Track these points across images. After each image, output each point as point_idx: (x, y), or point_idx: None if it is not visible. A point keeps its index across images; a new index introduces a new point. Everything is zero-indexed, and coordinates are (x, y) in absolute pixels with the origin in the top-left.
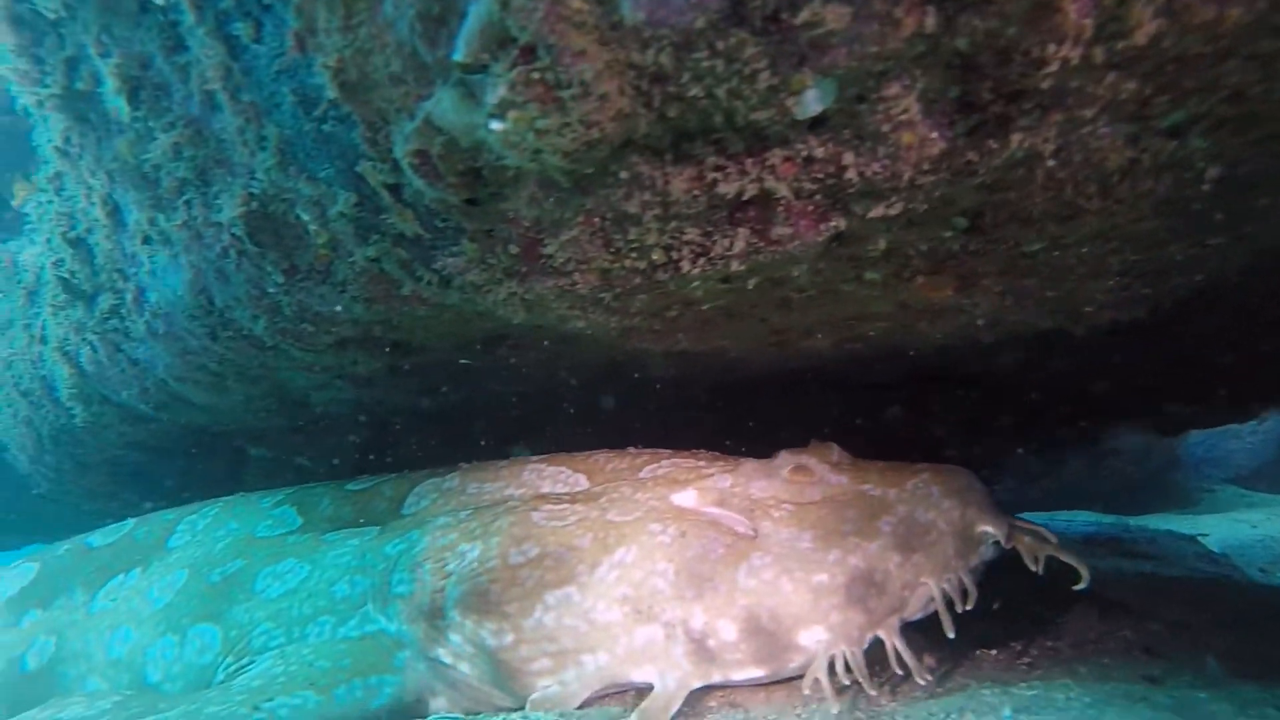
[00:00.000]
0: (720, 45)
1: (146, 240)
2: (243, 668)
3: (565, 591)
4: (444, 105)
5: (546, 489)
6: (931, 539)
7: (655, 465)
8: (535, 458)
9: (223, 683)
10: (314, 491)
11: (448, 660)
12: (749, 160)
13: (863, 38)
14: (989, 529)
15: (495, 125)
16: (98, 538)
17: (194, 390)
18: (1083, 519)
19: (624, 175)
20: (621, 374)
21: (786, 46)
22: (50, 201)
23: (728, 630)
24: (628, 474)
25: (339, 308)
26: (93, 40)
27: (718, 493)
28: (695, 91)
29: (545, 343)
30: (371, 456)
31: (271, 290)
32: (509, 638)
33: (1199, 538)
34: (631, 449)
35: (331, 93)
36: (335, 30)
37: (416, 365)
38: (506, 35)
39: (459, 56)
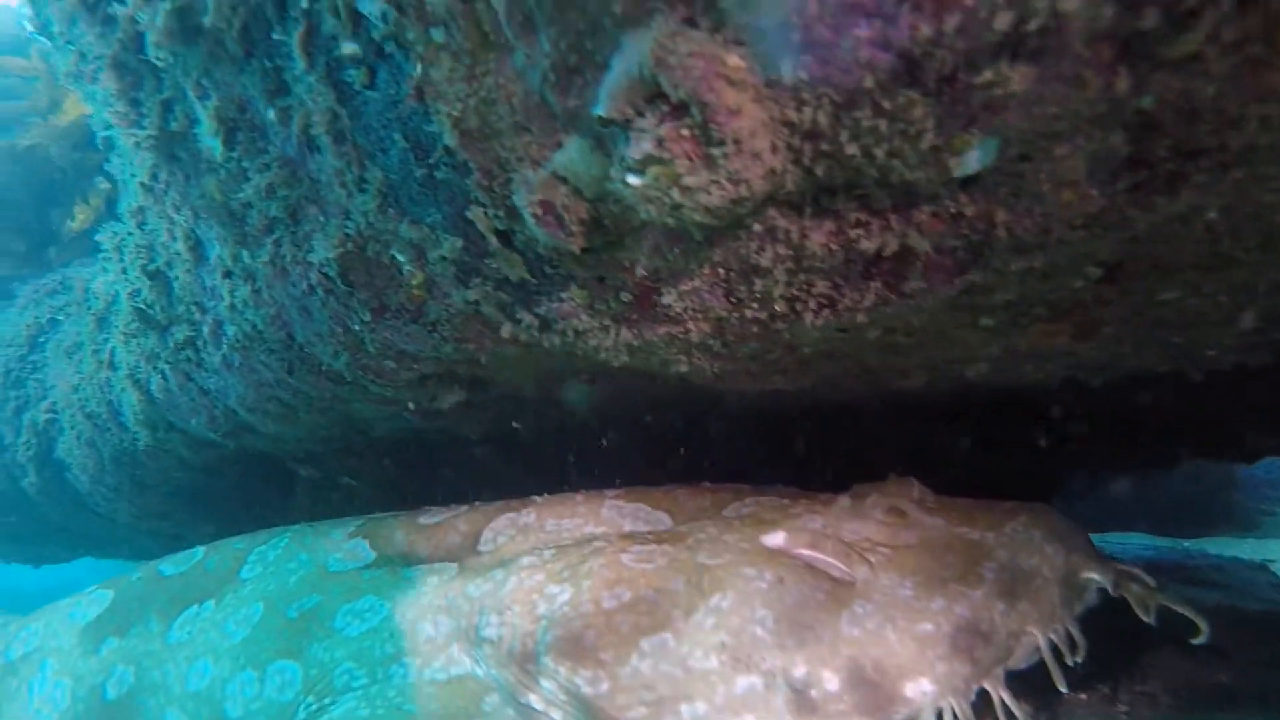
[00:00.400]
0: (886, 105)
1: (228, 275)
2: (324, 708)
3: (661, 638)
4: (572, 156)
5: (629, 527)
6: (1036, 586)
7: (739, 504)
8: (611, 492)
9: None
10: (385, 524)
11: (539, 707)
12: (894, 216)
13: (1044, 99)
14: (1095, 576)
15: (633, 179)
16: (169, 566)
17: (263, 419)
18: (1137, 542)
19: (758, 228)
20: (694, 408)
21: (958, 107)
22: (130, 234)
23: (831, 681)
24: (711, 512)
25: (426, 347)
26: (192, 84)
27: (809, 534)
28: (851, 150)
29: (625, 379)
30: (422, 479)
31: (356, 328)
32: (605, 685)
33: (1268, 564)
34: (706, 484)
35: (449, 140)
36: (459, 80)
37: (491, 399)
38: (657, 91)
39: (601, 111)
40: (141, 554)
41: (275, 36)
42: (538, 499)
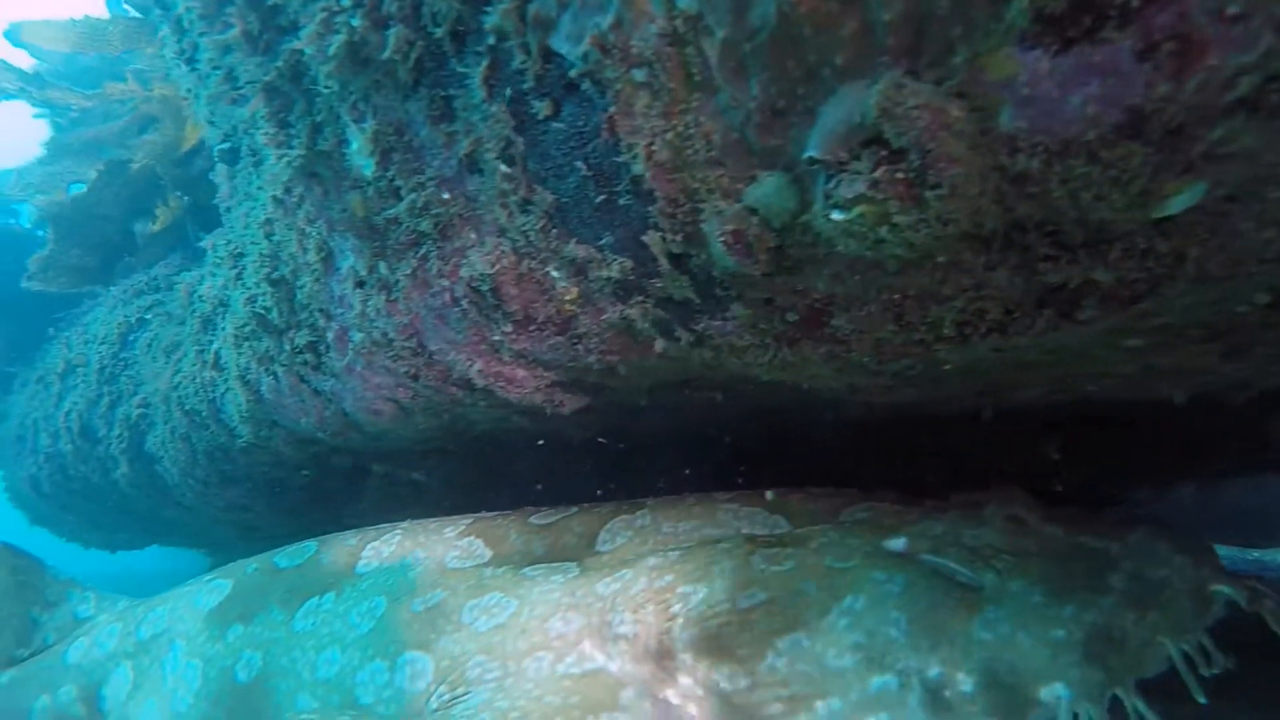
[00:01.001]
0: (1103, 154)
1: (360, 285)
2: (458, 698)
3: (796, 637)
4: (766, 191)
5: (747, 530)
6: (1167, 597)
7: (852, 509)
8: (723, 496)
9: (440, 711)
10: (496, 524)
11: (675, 701)
12: (1083, 252)
13: (1272, 150)
14: (1224, 589)
15: (838, 215)
16: (284, 559)
17: (374, 421)
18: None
19: (942, 259)
20: (803, 415)
21: (1177, 156)
22: (254, 244)
23: (965, 682)
24: (826, 516)
25: (565, 357)
26: (349, 108)
27: (930, 540)
28: (1059, 194)
29: (745, 388)
30: (492, 476)
31: (496, 338)
32: (743, 682)
33: None
34: (813, 488)
35: (637, 170)
36: (655, 116)
37: (606, 404)
38: (874, 137)
39: (814, 153)
40: (215, 544)
41: (451, 68)
42: (648, 502)
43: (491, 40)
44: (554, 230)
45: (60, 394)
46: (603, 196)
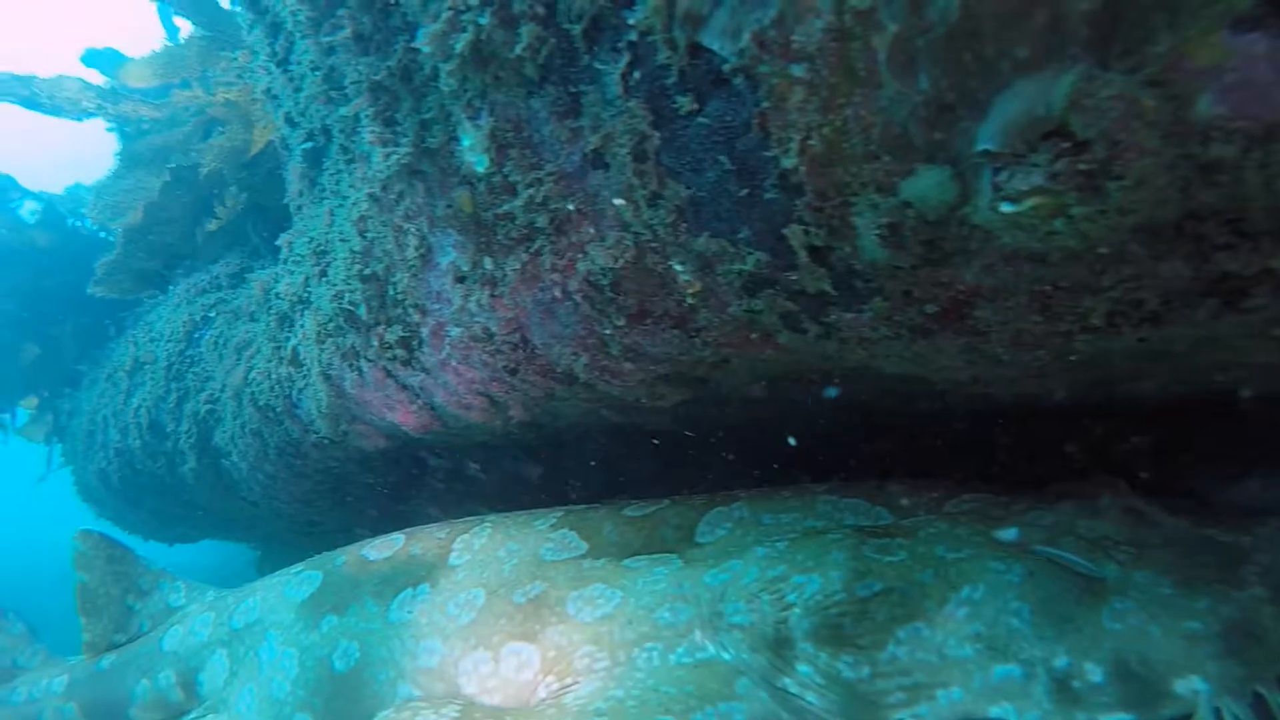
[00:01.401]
0: None
1: (461, 280)
2: (567, 687)
3: (915, 626)
4: (925, 183)
5: (850, 521)
6: None
7: (957, 500)
8: (819, 487)
9: (550, 700)
10: (589, 516)
11: (794, 690)
12: (1266, 239)
13: None
14: None
15: (1007, 208)
16: (372, 552)
17: (464, 414)
18: None
19: (1105, 250)
20: (896, 405)
21: None
22: (345, 241)
23: (1095, 672)
24: (930, 507)
25: (677, 350)
26: (463, 104)
27: (1043, 530)
28: (1253, 180)
29: (855, 380)
30: (546, 470)
31: (607, 331)
32: (865, 670)
33: None
34: (909, 479)
35: (789, 164)
36: (812, 110)
37: (704, 396)
38: (1055, 129)
39: (990, 146)
40: (269, 538)
41: (582, 64)
42: (741, 494)
43: (634, 36)
44: (683, 224)
45: (129, 391)
46: (746, 190)
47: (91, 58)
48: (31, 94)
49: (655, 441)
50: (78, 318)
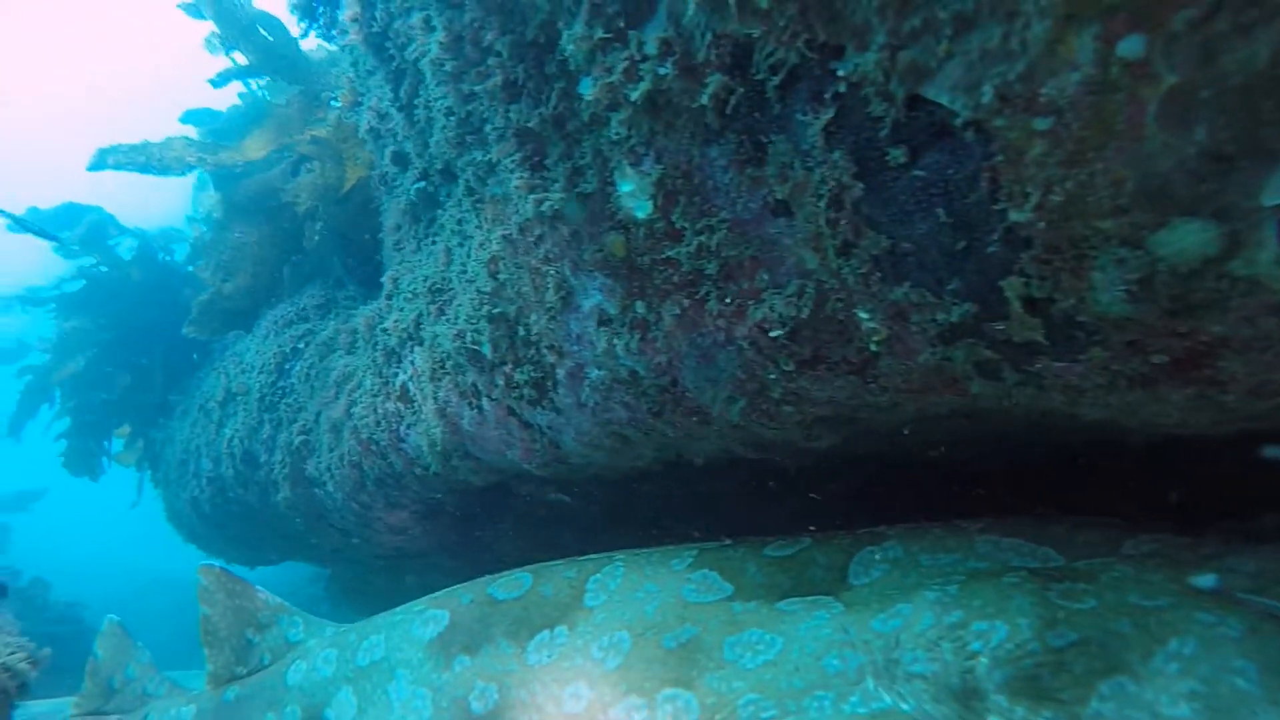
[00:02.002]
0: None
1: (606, 323)
2: None
3: (1118, 681)
4: (1181, 237)
5: (1016, 562)
6: None
7: (1135, 540)
8: (975, 525)
9: None
10: (727, 555)
11: None
12: None
13: None
14: None
15: None
16: (500, 591)
17: (588, 452)
18: None
19: None
20: (1061, 442)
21: None
22: (472, 281)
23: None
24: (1104, 549)
25: (846, 395)
26: (625, 151)
27: (1247, 578)
28: None
29: (1025, 423)
30: (626, 497)
31: (772, 376)
32: None
33: None
34: (1066, 517)
35: (1020, 218)
36: (1054, 164)
37: (856, 435)
38: None
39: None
40: (354, 561)
41: (771, 114)
42: (888, 531)
43: (842, 88)
44: (877, 274)
45: (220, 421)
46: (963, 243)
47: (189, 117)
48: (147, 159)
49: (770, 480)
50: (166, 348)
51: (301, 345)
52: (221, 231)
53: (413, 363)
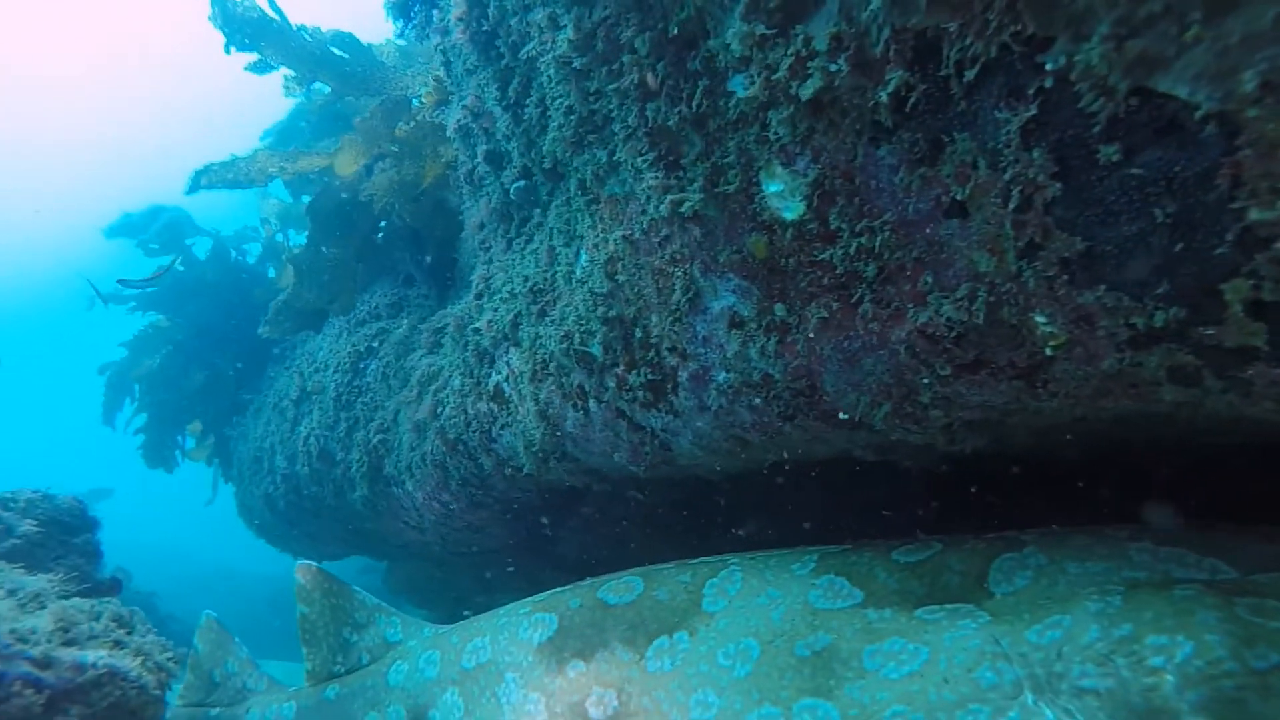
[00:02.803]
0: None
1: (738, 326)
2: None
3: None
4: None
5: (1180, 574)
6: None
7: None
8: (1119, 532)
9: None
10: (853, 560)
11: None
12: None
13: None
14: None
15: None
16: (610, 595)
17: (702, 455)
18: None
19: None
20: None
21: None
22: (584, 282)
23: None
24: (1275, 563)
25: (1004, 400)
26: (775, 150)
27: None
28: None
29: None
30: (702, 497)
31: (924, 380)
32: None
33: None
34: (1231, 525)
35: (1264, 215)
36: None
37: (997, 439)
38: None
39: None
40: (414, 556)
41: (954, 111)
42: (1026, 536)
43: (1049, 83)
44: (1065, 277)
45: (295, 419)
46: (1181, 244)
47: (269, 134)
48: (235, 175)
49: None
50: (238, 347)
51: (376, 344)
52: (312, 249)
53: (508, 364)
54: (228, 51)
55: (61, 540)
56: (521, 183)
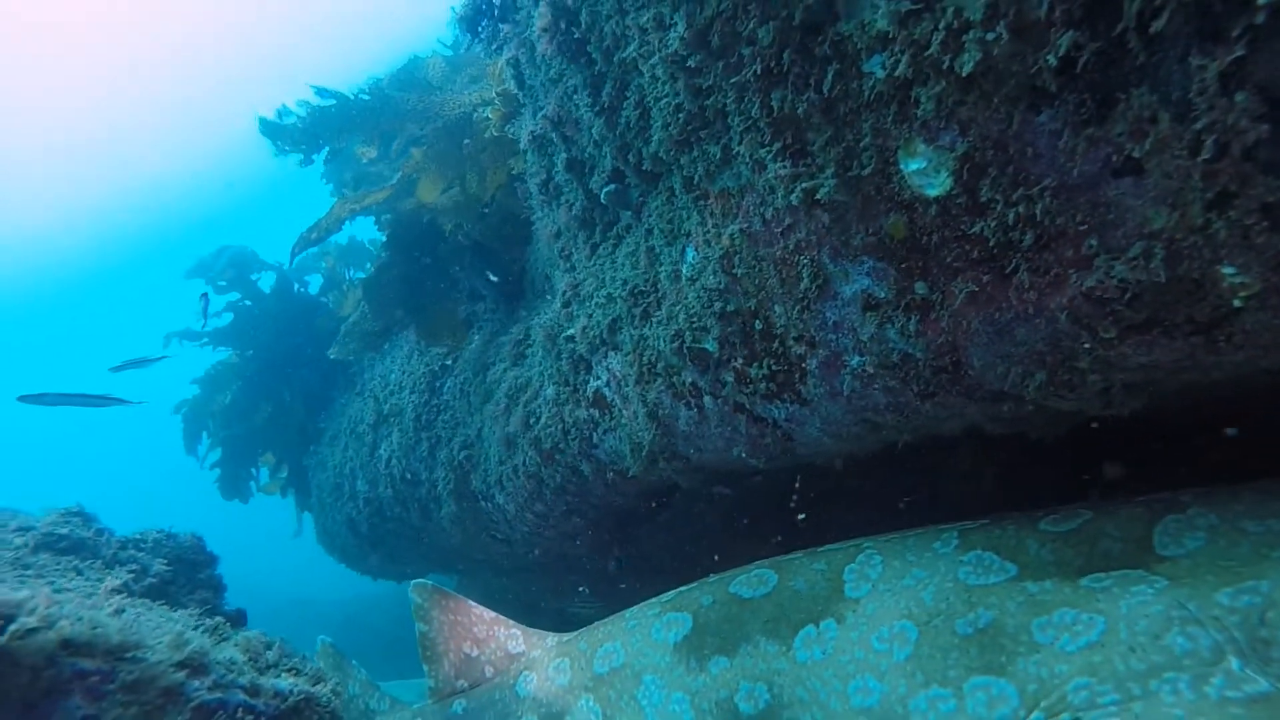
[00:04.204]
0: None
1: (874, 308)
2: None
3: None
4: None
5: None
6: None
7: None
8: None
9: None
10: (999, 534)
11: None
12: None
13: None
14: None
15: None
16: (743, 589)
17: (828, 440)
18: None
19: None
20: None
21: None
22: (694, 280)
23: None
24: None
25: (1181, 356)
26: (917, 127)
27: None
28: None
29: None
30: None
31: (1085, 345)
32: None
33: None
34: None
35: None
36: None
37: (1155, 398)
38: None
39: None
40: (482, 568)
41: (1130, 65)
42: (1184, 497)
43: (1260, 19)
44: (1264, 223)
45: (374, 443)
46: None
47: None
48: (319, 233)
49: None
50: (303, 377)
51: (449, 362)
52: (382, 275)
53: (608, 368)
54: (275, 157)
55: (189, 576)
56: (612, 186)
